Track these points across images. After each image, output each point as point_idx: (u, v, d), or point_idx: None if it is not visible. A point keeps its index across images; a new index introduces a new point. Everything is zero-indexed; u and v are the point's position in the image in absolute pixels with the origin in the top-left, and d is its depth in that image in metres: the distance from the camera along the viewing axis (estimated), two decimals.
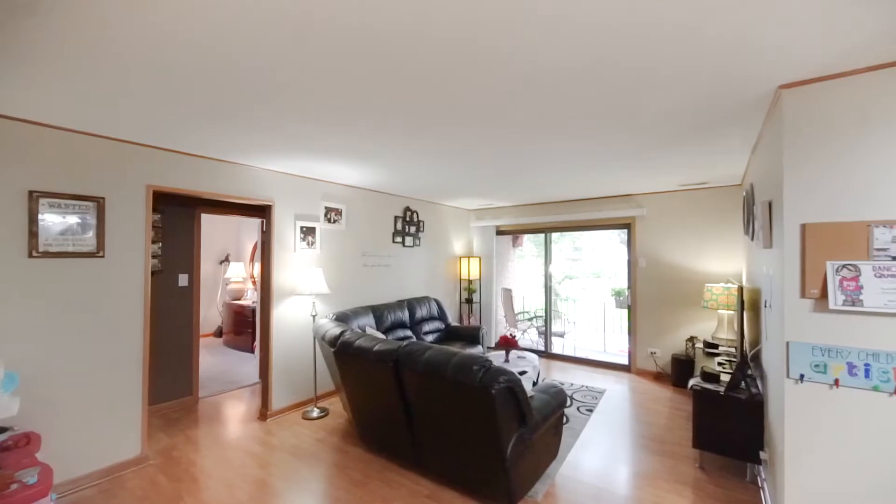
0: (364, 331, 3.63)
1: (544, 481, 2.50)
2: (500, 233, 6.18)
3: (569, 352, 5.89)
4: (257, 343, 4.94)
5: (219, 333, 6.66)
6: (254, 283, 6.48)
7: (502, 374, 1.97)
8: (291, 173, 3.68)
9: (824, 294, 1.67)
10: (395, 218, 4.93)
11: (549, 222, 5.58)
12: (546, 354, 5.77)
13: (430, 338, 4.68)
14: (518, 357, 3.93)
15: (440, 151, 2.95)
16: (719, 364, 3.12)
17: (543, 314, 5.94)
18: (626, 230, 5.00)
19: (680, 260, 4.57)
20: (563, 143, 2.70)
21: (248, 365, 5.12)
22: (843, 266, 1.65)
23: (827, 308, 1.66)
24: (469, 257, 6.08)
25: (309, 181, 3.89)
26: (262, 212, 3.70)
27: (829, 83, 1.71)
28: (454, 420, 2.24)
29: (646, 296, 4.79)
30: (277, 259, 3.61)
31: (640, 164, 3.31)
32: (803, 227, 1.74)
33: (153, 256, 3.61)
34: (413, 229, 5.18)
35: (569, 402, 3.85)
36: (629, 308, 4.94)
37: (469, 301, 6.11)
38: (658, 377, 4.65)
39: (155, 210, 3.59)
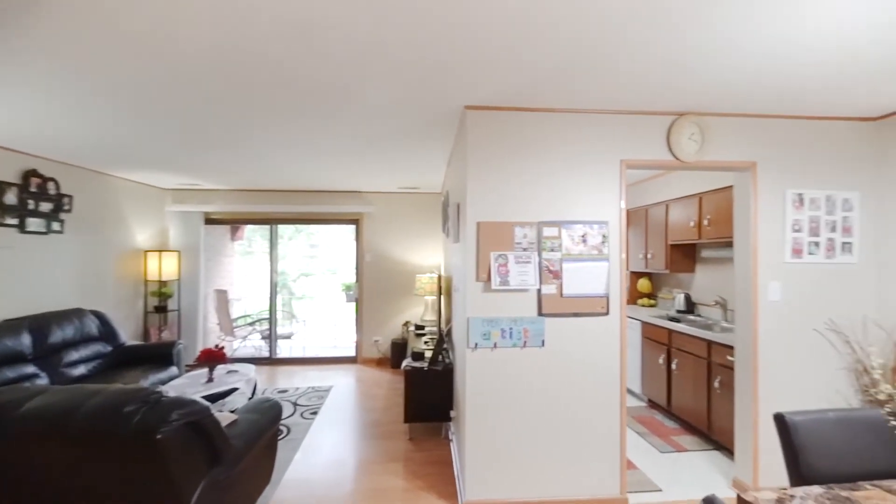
0: None
1: None
2: (210, 221, 5.00)
3: (297, 353, 5.51)
4: None
5: None
6: None
7: (177, 407, 1.41)
8: None
9: (490, 278, 2.13)
10: (4, 185, 3.02)
11: (275, 213, 4.99)
12: (271, 361, 5.15)
13: (80, 370, 3.14)
14: (227, 372, 3.22)
15: (90, 87, 1.92)
16: (425, 343, 3.63)
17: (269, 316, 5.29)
18: (354, 225, 5.14)
19: (399, 254, 5.11)
20: (275, 113, 2.34)
21: None
22: (500, 255, 2.14)
23: (491, 288, 2.13)
24: (162, 251, 4.58)
25: None
26: None
27: (499, 113, 2.18)
28: (99, 491, 1.46)
29: (371, 288, 5.09)
30: None
31: (363, 160, 3.38)
32: (478, 224, 2.16)
33: None
34: (48, 207, 3.35)
35: (292, 410, 3.51)
36: (357, 301, 5.11)
37: (162, 309, 4.62)
38: (380, 363, 5.03)
39: None
